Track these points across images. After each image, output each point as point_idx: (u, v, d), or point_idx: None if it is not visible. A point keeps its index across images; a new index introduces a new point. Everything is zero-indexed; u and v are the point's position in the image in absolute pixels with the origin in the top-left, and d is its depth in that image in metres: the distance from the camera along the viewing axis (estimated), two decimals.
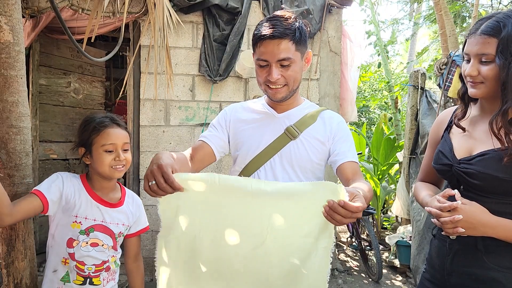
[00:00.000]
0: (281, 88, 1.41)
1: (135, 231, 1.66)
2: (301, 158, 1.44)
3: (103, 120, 1.52)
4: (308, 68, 3.91)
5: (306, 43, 1.43)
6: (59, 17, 2.04)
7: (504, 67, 1.17)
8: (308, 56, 1.46)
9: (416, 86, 4.12)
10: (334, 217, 1.02)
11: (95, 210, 1.51)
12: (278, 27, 1.34)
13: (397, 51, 12.59)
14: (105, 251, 1.53)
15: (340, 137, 1.48)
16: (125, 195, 1.63)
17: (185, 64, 3.72)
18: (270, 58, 1.36)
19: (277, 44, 1.34)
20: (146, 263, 3.68)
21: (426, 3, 8.55)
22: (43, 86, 3.98)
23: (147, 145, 3.68)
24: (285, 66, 1.37)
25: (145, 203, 3.66)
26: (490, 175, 1.21)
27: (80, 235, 1.48)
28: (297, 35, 1.36)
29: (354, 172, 1.41)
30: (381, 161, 5.85)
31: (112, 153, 1.49)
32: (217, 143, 1.54)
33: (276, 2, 3.79)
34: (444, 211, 1.21)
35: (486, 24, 1.21)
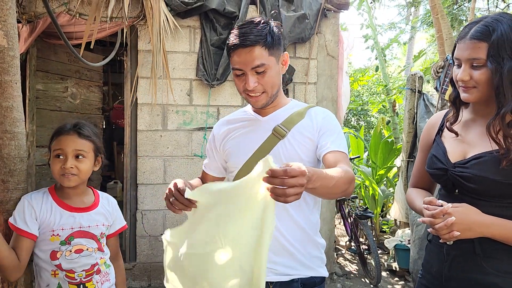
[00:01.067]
0: (260, 96, 1.39)
1: (113, 231, 1.67)
2: (290, 157, 1.39)
3: (64, 127, 1.52)
4: (305, 72, 3.95)
5: (281, 46, 1.39)
6: (55, 22, 2.04)
7: (497, 72, 1.16)
8: (284, 59, 1.43)
9: (414, 90, 4.13)
10: (274, 192, 0.93)
11: (70, 219, 1.50)
12: (248, 34, 1.31)
13: (395, 55, 12.64)
14: (92, 255, 1.53)
15: (326, 129, 1.41)
16: (99, 197, 1.64)
17: (183, 69, 3.72)
18: (244, 66, 1.34)
19: (249, 52, 1.31)
20: (144, 268, 3.69)
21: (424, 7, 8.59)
22: (40, 91, 3.97)
23: (145, 149, 3.67)
24: (261, 73, 1.34)
25: (143, 207, 3.66)
26: (486, 178, 1.20)
27: (62, 245, 1.48)
28: (269, 40, 1.32)
29: (337, 160, 1.31)
30: (380, 164, 5.85)
31: (61, 159, 1.48)
32: (215, 170, 1.62)
33: (273, 6, 3.80)
34: (437, 217, 1.19)
35: (475, 28, 1.21)
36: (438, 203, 1.21)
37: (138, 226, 3.67)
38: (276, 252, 1.37)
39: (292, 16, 3.76)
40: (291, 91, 3.91)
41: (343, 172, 1.18)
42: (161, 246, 4.04)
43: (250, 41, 1.30)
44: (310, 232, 1.44)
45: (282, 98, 1.51)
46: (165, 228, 3.72)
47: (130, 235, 3.71)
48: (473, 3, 3.83)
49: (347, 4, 4.07)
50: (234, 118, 1.55)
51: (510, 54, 1.15)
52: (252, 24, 1.34)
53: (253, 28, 1.33)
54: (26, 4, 3.34)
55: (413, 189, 1.55)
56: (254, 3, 3.79)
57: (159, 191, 3.70)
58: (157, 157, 3.69)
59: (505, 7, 7.47)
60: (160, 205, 3.70)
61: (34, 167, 3.86)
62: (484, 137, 1.24)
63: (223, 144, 1.53)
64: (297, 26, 3.77)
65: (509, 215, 1.20)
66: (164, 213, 3.71)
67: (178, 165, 3.73)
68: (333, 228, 4.29)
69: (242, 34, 1.32)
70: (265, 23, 1.35)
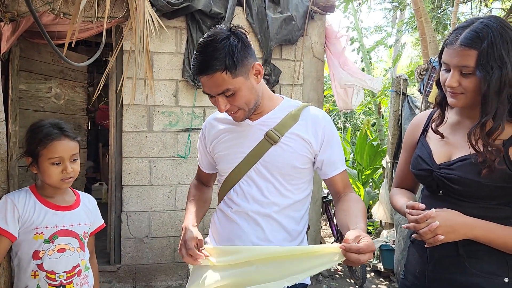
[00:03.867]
0: (237, 113, 1.34)
1: (93, 229, 1.67)
2: (284, 165, 1.36)
3: (51, 131, 1.47)
4: (291, 74, 3.96)
5: (247, 59, 1.28)
6: (37, 21, 2.01)
7: (485, 80, 1.16)
8: (256, 69, 1.32)
9: (398, 92, 4.18)
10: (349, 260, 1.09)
11: (54, 217, 1.50)
12: (207, 61, 1.23)
13: (381, 57, 12.78)
14: (74, 254, 1.52)
15: (328, 141, 1.39)
16: (79, 196, 1.64)
17: (169, 69, 3.70)
18: (210, 92, 1.29)
19: (210, 79, 1.25)
20: (129, 270, 3.66)
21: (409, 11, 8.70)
22: (23, 91, 3.91)
23: (130, 150, 3.64)
24: (230, 96, 1.28)
25: (128, 209, 3.63)
26: (471, 180, 1.21)
27: (45, 244, 1.47)
28: (229, 63, 1.22)
29: (345, 184, 1.42)
30: (365, 166, 5.90)
31: (59, 165, 1.47)
32: (208, 166, 1.60)
33: (260, 8, 3.81)
34: (421, 222, 1.19)
35: (465, 35, 1.19)
36: (421, 207, 1.22)
37: (123, 228, 3.64)
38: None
39: (278, 18, 3.77)
40: (277, 93, 3.89)
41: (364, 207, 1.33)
42: (146, 248, 4.02)
43: (209, 69, 1.23)
44: (297, 238, 1.44)
45: (269, 100, 1.43)
46: (151, 230, 3.71)
47: (115, 237, 3.67)
48: (456, 7, 3.90)
49: (333, 6, 4.10)
50: (223, 118, 1.49)
51: (499, 63, 1.15)
52: (210, 46, 1.24)
53: (211, 51, 1.23)
54: (9, 3, 3.29)
55: (396, 189, 1.55)
56: (241, 5, 3.80)
57: (144, 192, 3.67)
58: (143, 158, 3.66)
59: (488, 11, 7.61)
60: (145, 206, 3.67)
61: (16, 168, 3.79)
62: None
63: (213, 146, 1.49)
64: (283, 28, 3.79)
65: (492, 217, 1.21)
66: (150, 214, 3.68)
67: (163, 166, 3.70)
68: (319, 229, 4.31)
69: (200, 61, 1.25)
70: (225, 39, 1.25)
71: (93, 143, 7.29)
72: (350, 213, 1.29)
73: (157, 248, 3.71)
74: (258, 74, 1.33)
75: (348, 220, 1.25)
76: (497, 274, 1.21)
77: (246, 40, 1.30)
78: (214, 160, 1.53)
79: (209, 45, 1.25)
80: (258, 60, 1.36)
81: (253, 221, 1.38)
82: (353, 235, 1.09)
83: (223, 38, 1.25)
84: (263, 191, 1.38)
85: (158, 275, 3.70)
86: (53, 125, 1.50)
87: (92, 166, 7.40)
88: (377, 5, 9.25)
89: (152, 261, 3.70)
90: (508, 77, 1.15)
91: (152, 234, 3.70)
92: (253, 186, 1.39)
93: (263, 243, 1.37)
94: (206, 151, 1.55)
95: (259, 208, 1.38)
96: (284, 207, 1.39)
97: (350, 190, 1.42)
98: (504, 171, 1.18)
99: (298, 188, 1.41)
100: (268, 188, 1.38)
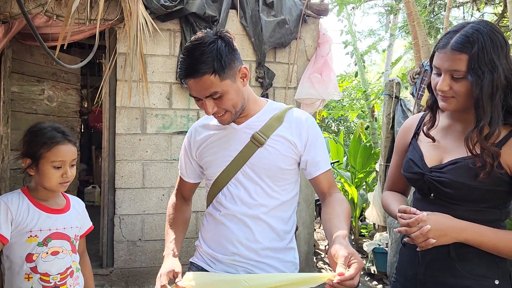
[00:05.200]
0: (223, 115, 1.35)
1: (83, 232, 1.69)
2: (270, 167, 1.38)
3: (55, 135, 1.50)
4: (285, 77, 3.98)
5: (234, 63, 1.30)
6: (29, 23, 2.01)
7: (477, 85, 1.16)
8: (243, 73, 1.34)
9: (391, 95, 4.20)
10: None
11: (47, 220, 1.51)
12: (195, 64, 1.24)
13: (374, 61, 12.85)
14: (67, 256, 1.54)
15: (312, 142, 1.41)
16: (69, 199, 1.66)
17: (162, 72, 3.70)
18: (197, 95, 1.30)
19: (198, 83, 1.25)
20: (122, 273, 3.63)
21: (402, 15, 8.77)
22: (15, 93, 3.88)
23: (123, 153, 3.62)
24: (217, 98, 1.29)
25: (121, 212, 3.61)
26: (462, 183, 1.22)
27: (39, 247, 1.47)
28: (217, 66, 1.23)
29: (329, 184, 1.43)
30: (359, 169, 5.91)
31: (60, 169, 1.49)
32: (192, 175, 1.59)
33: (254, 11, 3.82)
34: (412, 226, 1.19)
35: (456, 39, 1.19)
36: (413, 211, 1.22)
37: (116, 231, 3.62)
38: (250, 254, 1.39)
39: (272, 21, 3.79)
40: (271, 96, 3.92)
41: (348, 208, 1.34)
42: (139, 251, 4.00)
43: (197, 73, 1.24)
44: (285, 238, 1.45)
45: (254, 103, 1.45)
46: (144, 233, 3.69)
47: (108, 240, 3.65)
48: (448, 12, 3.94)
49: (327, 10, 4.13)
50: (208, 124, 1.50)
51: (490, 67, 1.15)
52: (198, 49, 1.25)
53: (199, 54, 1.24)
54: (1, 4, 3.27)
55: (388, 192, 1.55)
56: (235, 8, 3.81)
57: (137, 195, 3.65)
58: (136, 161, 3.65)
59: (480, 16, 7.69)
60: (138, 209, 3.65)
61: (8, 171, 3.76)
62: (460, 142, 1.26)
63: (200, 152, 1.49)
64: (277, 31, 3.80)
65: (482, 219, 1.23)
66: (143, 217, 3.67)
67: (157, 169, 3.69)
68: (313, 232, 4.31)
69: (188, 64, 1.25)
70: (213, 43, 1.25)
71: (86, 146, 7.26)
72: (334, 216, 1.30)
73: (150, 251, 3.69)
74: (244, 77, 1.35)
75: (332, 225, 1.26)
76: (488, 277, 1.23)
77: (233, 44, 1.32)
78: (200, 166, 1.53)
79: (197, 48, 1.25)
80: (252, 63, 1.38)
81: (242, 223, 1.39)
82: (342, 259, 1.07)
83: (211, 42, 1.26)
84: (251, 193, 1.39)
85: (151, 279, 3.67)
86: (55, 128, 1.52)
87: (85, 169, 7.36)
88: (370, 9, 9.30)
89: (145, 264, 3.68)
90: (500, 80, 1.16)
91: (145, 237, 3.69)
92: (241, 189, 1.40)
93: (252, 244, 1.38)
94: (192, 157, 1.54)
95: (247, 210, 1.39)
96: (272, 208, 1.40)
97: (335, 190, 1.43)
98: (495, 174, 1.19)
99: (285, 189, 1.43)
100: (256, 190, 1.39)
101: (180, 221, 1.57)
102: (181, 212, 1.60)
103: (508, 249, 1.20)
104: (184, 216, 1.61)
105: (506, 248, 1.20)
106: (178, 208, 1.60)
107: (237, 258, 1.39)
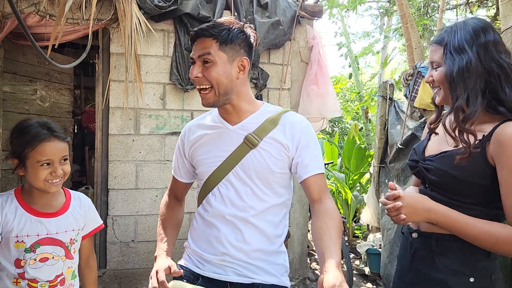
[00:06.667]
0: (207, 91, 1.36)
1: (87, 232, 1.58)
2: (261, 169, 1.37)
3: (39, 132, 1.40)
4: (279, 78, 3.97)
5: (240, 47, 1.36)
6: (21, 22, 1.99)
7: (449, 69, 1.25)
8: (242, 64, 1.37)
9: (385, 97, 4.22)
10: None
11: (37, 225, 1.43)
12: (209, 27, 1.34)
13: (368, 63, 12.90)
14: (58, 263, 1.46)
15: (304, 145, 1.39)
16: (70, 197, 1.55)
17: (156, 73, 3.69)
18: (194, 54, 1.37)
19: (201, 42, 1.34)
20: (114, 275, 3.61)
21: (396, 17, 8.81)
22: (7, 93, 3.85)
23: (116, 154, 3.60)
24: (206, 64, 1.34)
25: (114, 213, 3.59)
26: (445, 172, 1.26)
27: (26, 253, 1.40)
28: (223, 35, 1.32)
29: (320, 189, 1.37)
30: (353, 170, 5.93)
31: (48, 167, 1.40)
32: (185, 174, 1.58)
33: (248, 12, 3.82)
34: (389, 199, 1.27)
35: (437, 34, 1.35)
36: (394, 187, 1.29)
37: (109, 232, 3.59)
38: (240, 255, 1.38)
39: (266, 22, 3.79)
40: (265, 97, 3.92)
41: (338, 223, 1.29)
42: (132, 252, 3.97)
43: (202, 31, 1.33)
44: (275, 242, 1.43)
45: (249, 104, 1.44)
46: (137, 234, 3.67)
47: (100, 241, 3.62)
48: (441, 14, 3.96)
49: (321, 12, 4.14)
50: (203, 123, 1.51)
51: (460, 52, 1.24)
52: (221, 21, 1.36)
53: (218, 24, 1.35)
54: None
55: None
56: (229, 8, 3.80)
57: (130, 196, 3.63)
58: (129, 162, 3.63)
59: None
60: (131, 210, 3.64)
61: (0, 171, 3.73)
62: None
63: (192, 151, 1.49)
64: (271, 33, 3.80)
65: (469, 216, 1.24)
66: (136, 218, 3.65)
67: (150, 170, 3.68)
68: (306, 233, 4.31)
69: (208, 25, 1.35)
70: (236, 24, 1.37)
71: (79, 147, 7.20)
72: (325, 234, 1.25)
73: (143, 252, 3.67)
74: (242, 69, 1.38)
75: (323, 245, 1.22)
76: (463, 273, 1.25)
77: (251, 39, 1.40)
78: (192, 165, 1.53)
79: (222, 21, 1.37)
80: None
81: (232, 224, 1.39)
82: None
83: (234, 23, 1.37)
84: (240, 194, 1.39)
85: (144, 280, 3.66)
86: (41, 124, 1.43)
87: (78, 169, 7.31)
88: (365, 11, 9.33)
89: (138, 265, 3.66)
90: (473, 66, 1.21)
91: (138, 238, 3.67)
92: (231, 190, 1.40)
93: (242, 245, 1.38)
94: (184, 156, 1.54)
95: (236, 211, 1.38)
96: (261, 211, 1.39)
97: (326, 196, 1.37)
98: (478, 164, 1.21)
99: (276, 193, 1.42)
100: (246, 192, 1.39)
101: (173, 222, 1.56)
102: (174, 212, 1.59)
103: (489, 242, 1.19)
104: (176, 216, 1.60)
105: (486, 241, 1.19)
106: (171, 208, 1.59)
107: (226, 258, 1.38)
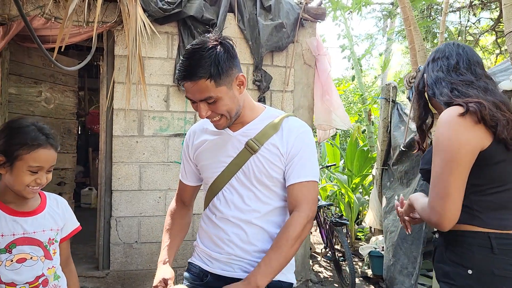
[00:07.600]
0: (219, 120, 1.35)
1: (66, 234, 1.54)
2: (261, 175, 1.39)
3: (38, 136, 1.36)
4: (282, 80, 3.99)
5: (232, 70, 1.31)
6: (28, 25, 2.01)
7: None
8: (240, 80, 1.35)
9: (388, 99, 4.22)
10: None
11: (12, 224, 1.37)
12: (193, 67, 1.25)
13: (371, 65, 12.89)
14: (37, 264, 1.41)
15: (294, 153, 1.39)
16: (46, 198, 1.51)
17: (160, 75, 3.71)
18: (192, 98, 1.31)
19: (194, 86, 1.27)
20: (118, 276, 3.63)
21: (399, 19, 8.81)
22: (12, 95, 3.89)
23: (120, 155, 3.63)
24: (212, 103, 1.30)
25: (117, 214, 3.61)
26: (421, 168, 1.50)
27: (1, 254, 1.34)
28: (214, 72, 1.25)
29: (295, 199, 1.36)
30: (355, 172, 5.93)
31: (35, 174, 1.36)
32: (191, 177, 1.61)
33: (251, 15, 3.84)
34: None
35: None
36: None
37: (112, 233, 3.61)
38: (245, 252, 1.41)
39: (269, 24, 3.81)
40: (268, 99, 3.94)
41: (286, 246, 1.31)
42: (135, 253, 3.99)
43: (193, 76, 1.25)
44: None
45: (251, 110, 1.45)
46: (140, 235, 3.69)
47: (104, 243, 3.64)
48: (444, 17, 3.97)
49: (324, 14, 4.15)
50: (206, 128, 1.52)
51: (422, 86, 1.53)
52: (197, 53, 1.26)
53: (197, 59, 1.25)
54: (0, 6, 3.28)
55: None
56: (232, 11, 3.82)
57: (134, 197, 3.65)
58: (133, 163, 3.65)
59: (476, 21, 7.74)
60: (135, 211, 3.65)
61: None
62: None
63: (197, 155, 1.52)
64: (274, 35, 3.82)
65: None
66: (139, 220, 3.67)
67: (154, 172, 3.70)
68: (309, 235, 4.32)
69: (186, 67, 1.27)
70: (212, 48, 1.27)
71: (83, 148, 7.25)
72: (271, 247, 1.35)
73: (146, 253, 3.69)
74: (241, 85, 1.36)
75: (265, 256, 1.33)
76: (462, 265, 1.32)
77: (233, 51, 1.33)
78: (199, 169, 1.56)
79: (196, 52, 1.27)
80: (249, 66, 1.40)
81: (236, 226, 1.42)
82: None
83: (210, 47, 1.27)
84: (244, 198, 1.42)
85: (147, 281, 3.67)
86: (39, 129, 1.39)
87: (82, 171, 7.35)
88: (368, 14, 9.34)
89: (141, 267, 3.68)
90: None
91: (142, 239, 3.69)
92: (235, 194, 1.43)
93: (247, 246, 1.41)
94: (190, 159, 1.57)
95: (240, 214, 1.41)
96: (264, 213, 1.42)
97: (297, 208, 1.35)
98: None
99: (278, 196, 1.44)
100: (249, 196, 1.42)
101: (177, 227, 1.59)
102: (179, 218, 1.62)
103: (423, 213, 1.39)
104: (182, 221, 1.62)
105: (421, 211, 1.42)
106: (176, 214, 1.62)
107: (233, 257, 1.42)
